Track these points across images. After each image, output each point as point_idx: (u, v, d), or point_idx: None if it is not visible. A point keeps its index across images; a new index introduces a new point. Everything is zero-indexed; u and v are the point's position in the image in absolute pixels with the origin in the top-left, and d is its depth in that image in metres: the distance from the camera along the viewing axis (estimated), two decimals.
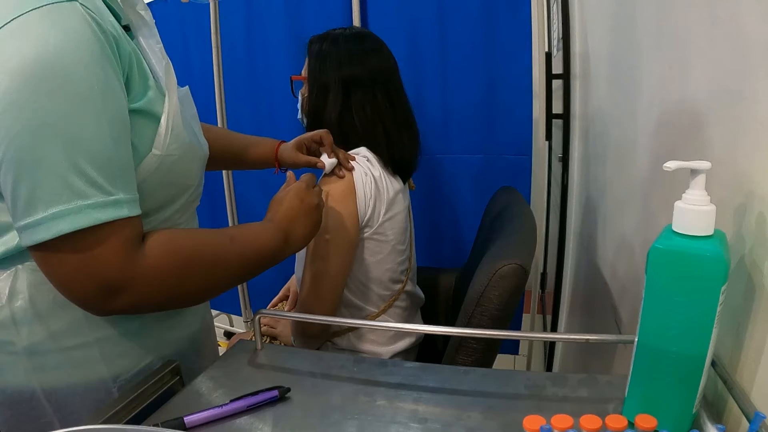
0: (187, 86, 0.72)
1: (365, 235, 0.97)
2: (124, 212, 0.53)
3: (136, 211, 0.55)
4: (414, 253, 1.15)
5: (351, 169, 0.95)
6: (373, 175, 0.96)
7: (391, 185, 0.99)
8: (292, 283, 1.28)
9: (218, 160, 0.87)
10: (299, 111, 1.07)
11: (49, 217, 0.49)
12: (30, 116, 0.48)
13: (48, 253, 0.52)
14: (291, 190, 0.76)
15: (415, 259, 1.15)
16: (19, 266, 0.59)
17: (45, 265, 0.54)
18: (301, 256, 1.02)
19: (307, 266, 0.95)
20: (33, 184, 0.49)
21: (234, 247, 0.65)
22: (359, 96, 0.99)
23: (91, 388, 0.63)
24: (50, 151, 0.49)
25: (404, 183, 1.06)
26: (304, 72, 1.04)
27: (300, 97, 1.07)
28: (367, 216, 0.96)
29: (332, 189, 0.94)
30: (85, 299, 0.55)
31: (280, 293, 1.29)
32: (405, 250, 1.06)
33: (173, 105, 0.61)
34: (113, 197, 0.52)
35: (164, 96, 0.61)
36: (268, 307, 1.26)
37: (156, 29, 0.65)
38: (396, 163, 1.02)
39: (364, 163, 0.97)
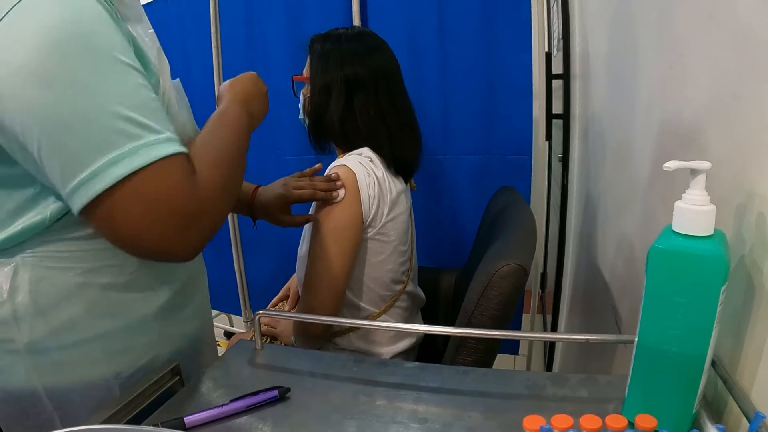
0: (177, 78, 0.72)
1: (368, 235, 0.98)
2: (176, 147, 0.53)
3: (184, 148, 0.55)
4: (415, 253, 1.15)
5: (336, 197, 0.93)
6: (376, 176, 0.96)
7: (394, 186, 0.99)
8: (293, 283, 1.28)
9: None
10: (300, 111, 1.07)
11: (105, 164, 0.49)
12: (66, 81, 0.48)
13: (112, 203, 0.51)
14: (245, 76, 0.78)
15: (416, 260, 1.15)
16: (19, 261, 0.59)
17: (111, 220, 0.52)
18: (303, 255, 1.02)
19: (309, 266, 0.95)
20: (81, 140, 0.49)
21: (229, 134, 0.66)
22: (362, 96, 0.98)
23: (92, 386, 0.63)
24: (92, 107, 0.49)
25: (406, 183, 1.06)
26: (305, 72, 1.04)
27: (301, 98, 1.06)
28: (370, 216, 0.96)
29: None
30: (162, 240, 0.54)
31: (280, 293, 1.29)
32: (406, 251, 1.06)
33: (167, 85, 0.62)
34: (164, 135, 0.52)
35: (158, 79, 0.62)
36: (267, 307, 1.26)
37: (146, 17, 0.66)
38: (398, 163, 1.02)
39: (368, 163, 0.97)
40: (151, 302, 0.66)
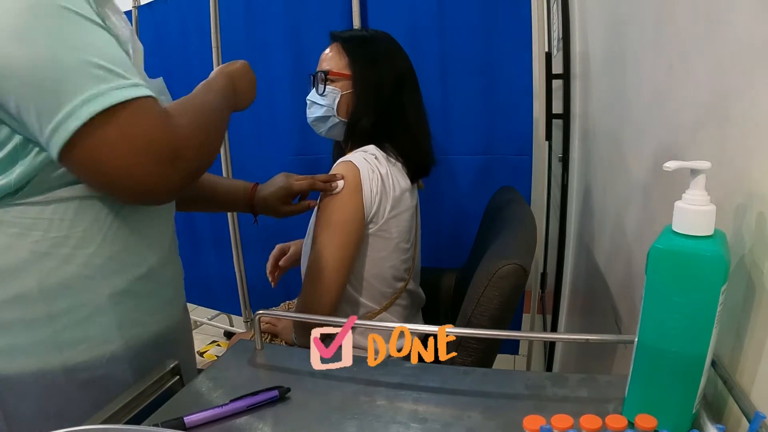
0: (160, 77, 0.73)
1: (370, 231, 0.98)
2: (145, 91, 0.56)
3: (153, 93, 0.58)
4: (419, 253, 1.15)
5: (335, 188, 0.95)
6: (379, 173, 0.97)
7: (398, 184, 1.00)
8: (296, 245, 1.28)
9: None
10: (328, 110, 1.04)
11: (79, 104, 0.52)
12: (40, 38, 0.51)
13: (94, 140, 0.53)
14: (237, 61, 0.83)
15: (419, 259, 1.15)
16: None
17: (96, 157, 0.54)
18: (306, 249, 1.02)
19: (310, 258, 0.96)
20: (55, 87, 0.52)
21: (211, 96, 0.71)
22: (407, 92, 1.03)
23: (40, 376, 0.61)
24: (64, 58, 0.52)
25: (413, 182, 1.06)
26: (340, 69, 1.03)
27: (334, 96, 1.03)
28: (372, 212, 0.96)
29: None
30: (144, 176, 0.56)
31: (275, 251, 1.28)
32: (409, 249, 1.06)
33: (139, 65, 0.64)
34: (132, 81, 0.55)
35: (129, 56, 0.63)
36: (267, 270, 1.26)
37: (116, 6, 0.66)
38: (422, 157, 1.06)
39: (372, 160, 0.98)
40: (111, 283, 0.64)
